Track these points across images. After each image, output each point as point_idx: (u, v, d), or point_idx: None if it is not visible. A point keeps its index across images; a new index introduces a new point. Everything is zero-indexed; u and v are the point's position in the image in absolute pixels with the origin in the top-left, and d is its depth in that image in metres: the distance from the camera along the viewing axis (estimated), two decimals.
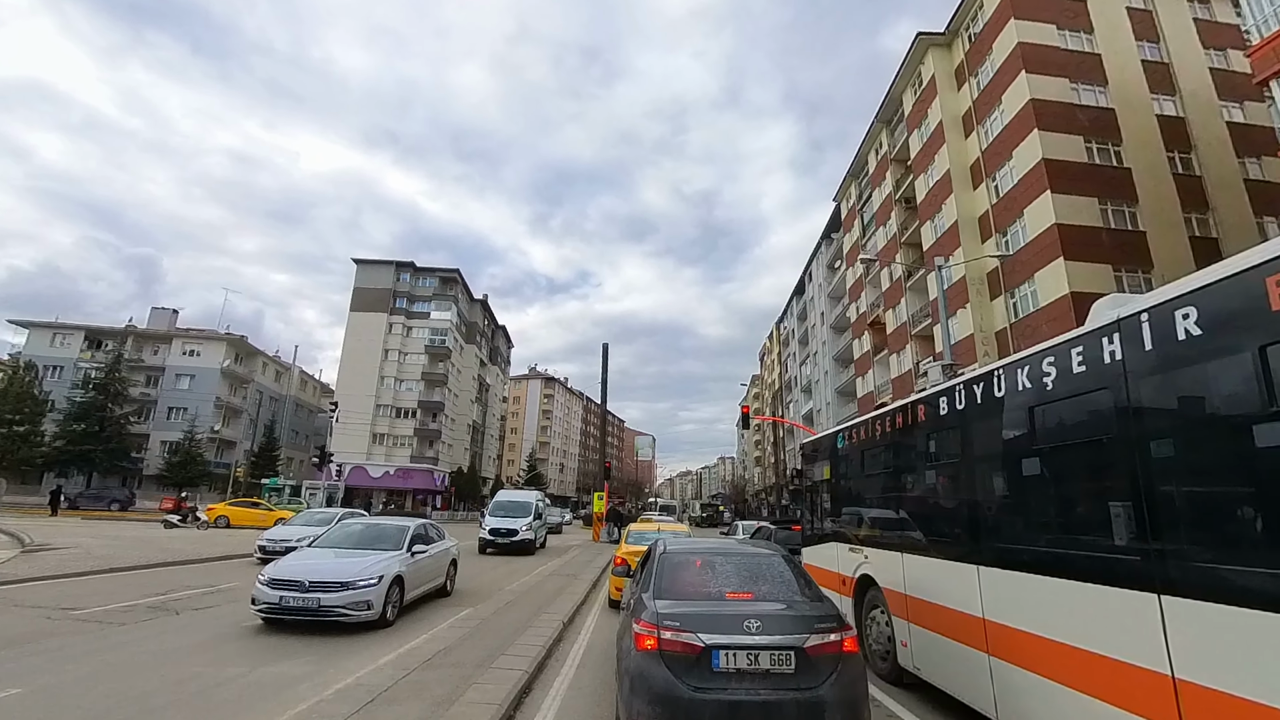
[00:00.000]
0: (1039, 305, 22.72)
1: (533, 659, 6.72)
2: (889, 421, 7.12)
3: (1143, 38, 25.32)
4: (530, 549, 21.41)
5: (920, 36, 30.45)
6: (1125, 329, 3.65)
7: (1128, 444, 3.58)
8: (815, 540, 9.87)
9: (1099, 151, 23.37)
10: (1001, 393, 4.89)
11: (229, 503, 30.14)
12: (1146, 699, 3.34)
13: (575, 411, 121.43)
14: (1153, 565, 3.35)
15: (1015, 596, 4.58)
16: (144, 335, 55.98)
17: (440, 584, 11.18)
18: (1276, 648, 2.70)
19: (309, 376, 72.18)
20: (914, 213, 33.02)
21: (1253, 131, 23.86)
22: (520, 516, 21.79)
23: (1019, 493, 4.80)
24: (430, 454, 61.16)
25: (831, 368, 49.04)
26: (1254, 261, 2.92)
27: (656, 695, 3.90)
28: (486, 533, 21.11)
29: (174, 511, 26.63)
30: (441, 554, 11.32)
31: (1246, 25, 15.49)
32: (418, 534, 10.38)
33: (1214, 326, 3.10)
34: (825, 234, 52.28)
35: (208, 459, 50.24)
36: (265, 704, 5.30)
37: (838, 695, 3.96)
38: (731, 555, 5.34)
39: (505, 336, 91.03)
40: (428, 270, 65.49)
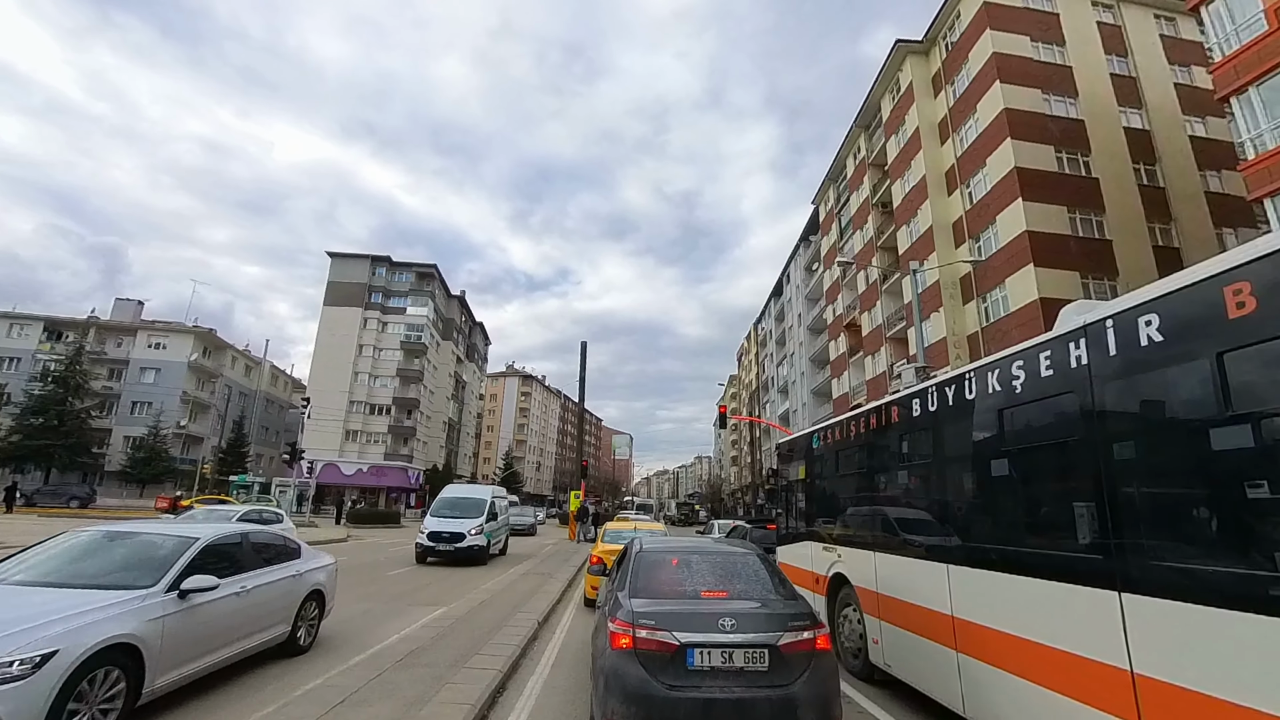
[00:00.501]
0: (1009, 310, 23.25)
1: (507, 658, 6.68)
2: (863, 422, 7.23)
3: (1112, 52, 26.06)
4: (481, 557, 17.24)
5: (899, 44, 30.91)
6: (1091, 334, 3.76)
7: (1092, 446, 3.69)
8: (790, 539, 9.97)
9: (1069, 161, 23.99)
10: (972, 395, 4.99)
11: (195, 500, 29.41)
12: (1107, 693, 3.44)
13: (553, 410, 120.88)
14: (1113, 564, 3.45)
15: (983, 594, 4.69)
16: (107, 327, 54.22)
17: (275, 636, 6.47)
18: (1230, 643, 2.81)
19: (280, 371, 70.70)
20: (890, 217, 33.52)
21: (1214, 146, 24.73)
22: (470, 516, 17.66)
23: (988, 493, 4.91)
24: (405, 451, 60.34)
25: (808, 369, 49.56)
26: (1212, 271, 3.03)
27: (631, 694, 3.91)
28: (425, 537, 16.91)
29: (169, 510, 26.23)
30: (277, 585, 6.49)
31: (1209, 43, 16.07)
32: (210, 556, 5.59)
33: (1174, 333, 3.21)
34: (804, 236, 52.78)
35: (173, 455, 48.87)
36: (230, 706, 5.18)
37: (810, 692, 4.01)
38: (707, 554, 5.36)
39: (483, 333, 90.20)
40: (404, 265, 64.53)
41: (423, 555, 16.87)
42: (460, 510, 18.03)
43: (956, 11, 27.71)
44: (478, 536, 17.09)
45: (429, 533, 16.95)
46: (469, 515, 17.72)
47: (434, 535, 16.87)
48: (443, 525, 17.11)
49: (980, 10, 25.59)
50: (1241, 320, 2.85)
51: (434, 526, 17.12)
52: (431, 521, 17.47)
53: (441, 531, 16.86)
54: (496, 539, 19.17)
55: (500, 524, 19.93)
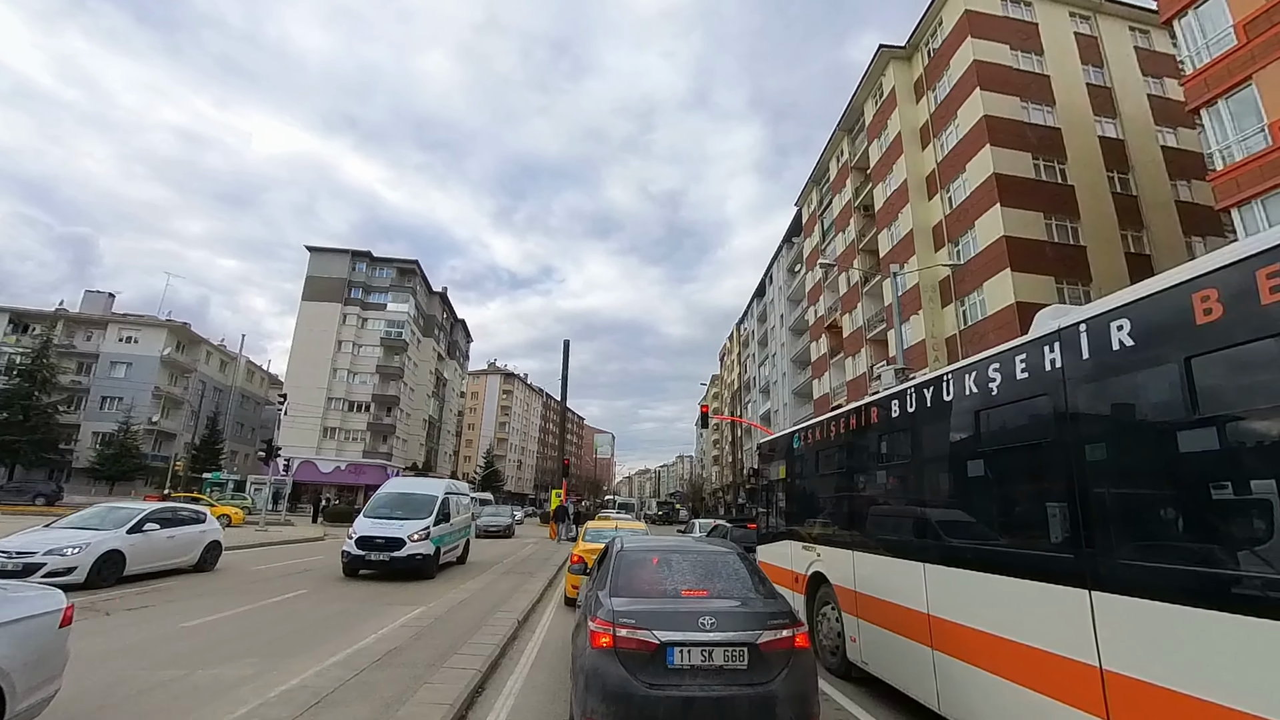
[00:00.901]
0: (987, 313, 23.65)
1: (486, 658, 6.64)
2: (843, 423, 7.30)
3: (1088, 62, 26.63)
4: (427, 569, 13.50)
5: (882, 49, 31.26)
6: (1065, 338, 3.84)
7: (1064, 448, 3.77)
8: (770, 538, 10.04)
9: (1045, 169, 24.47)
10: (950, 397, 5.07)
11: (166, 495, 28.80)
12: (1076, 689, 3.52)
13: (534, 408, 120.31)
14: (1084, 563, 3.53)
15: (959, 593, 4.76)
16: (76, 319, 52.81)
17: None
18: (1195, 640, 2.89)
19: (256, 367, 69.43)
20: (872, 220, 33.90)
21: (1184, 156, 25.39)
22: (414, 517, 14.01)
23: (964, 493, 4.99)
24: (384, 449, 59.63)
25: (789, 369, 49.93)
26: (1181, 279, 3.12)
27: (611, 692, 3.91)
28: (353, 544, 13.20)
29: None
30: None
31: (1181, 56, 16.48)
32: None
33: (1145, 338, 3.29)
34: (786, 238, 53.17)
35: (144, 451, 47.78)
36: (203, 708, 5.08)
37: (789, 690, 4.05)
38: (688, 553, 5.38)
39: (464, 330, 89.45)
40: (385, 260, 63.74)
41: (352, 567, 13.11)
42: (403, 509, 14.37)
43: (939, 18, 28.09)
44: (422, 543, 13.44)
45: (358, 538, 13.23)
46: (414, 515, 14.07)
47: (364, 542, 13.18)
48: (377, 529, 13.48)
49: (962, 18, 25.98)
50: (1208, 326, 2.93)
51: (366, 530, 13.42)
52: (364, 524, 13.72)
53: (375, 537, 13.24)
54: (451, 544, 15.40)
55: (456, 527, 15.97)
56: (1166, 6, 16.38)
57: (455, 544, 15.99)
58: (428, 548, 13.59)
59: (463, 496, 17.78)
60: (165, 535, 11.89)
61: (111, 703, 5.11)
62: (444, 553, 14.82)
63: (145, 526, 11.45)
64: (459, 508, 16.71)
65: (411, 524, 13.73)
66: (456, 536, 16.04)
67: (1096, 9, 27.52)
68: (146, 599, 9.80)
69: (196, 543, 12.78)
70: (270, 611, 9.28)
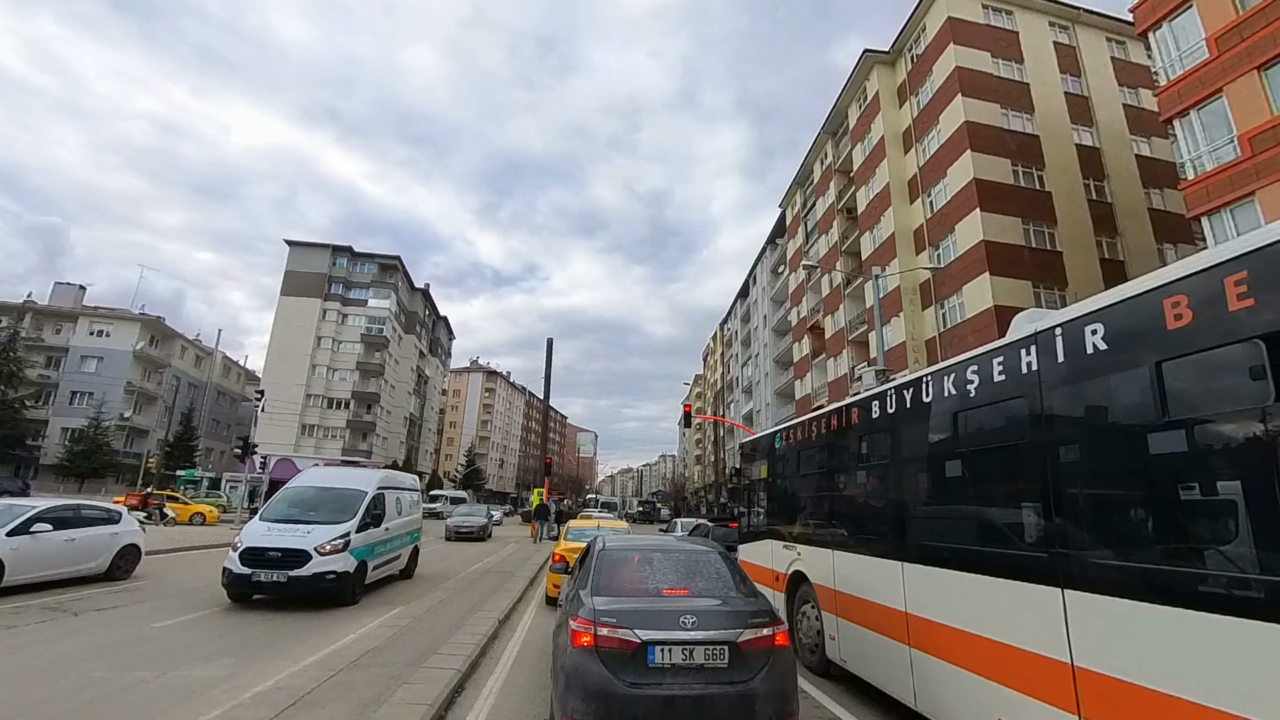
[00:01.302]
0: (966, 316, 24.01)
1: (466, 657, 6.60)
2: (824, 423, 7.37)
3: (1066, 71, 27.15)
4: (340, 591, 9.79)
5: (867, 54, 31.58)
6: (1041, 342, 3.91)
7: (1039, 449, 3.84)
8: (751, 537, 10.10)
9: (1024, 175, 24.91)
10: (929, 398, 5.14)
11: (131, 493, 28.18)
12: (1049, 685, 3.59)
13: (517, 406, 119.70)
14: (1057, 562, 3.60)
15: (936, 591, 4.83)
16: (45, 312, 51.43)
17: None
18: (1163, 637, 2.96)
19: (233, 363, 68.22)
20: (855, 223, 34.24)
21: (1157, 165, 26.00)
22: (328, 521, 10.32)
23: (942, 493, 5.06)
24: (364, 447, 58.92)
25: (772, 369, 50.24)
26: (1153, 284, 3.19)
27: (591, 691, 3.91)
28: (237, 557, 9.45)
29: (139, 508, 25.25)
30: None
31: (1156, 67, 16.89)
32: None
33: (1118, 342, 3.37)
34: (770, 239, 53.49)
35: (116, 448, 46.69)
36: (175, 710, 4.98)
37: (769, 688, 4.08)
38: (670, 552, 5.39)
39: (447, 328, 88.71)
40: (367, 256, 62.99)
41: (236, 590, 9.44)
42: (317, 510, 10.70)
43: (922, 25, 28.45)
44: (336, 556, 9.70)
45: (244, 550, 9.42)
46: (330, 519, 10.38)
47: (252, 556, 9.34)
48: (272, 538, 9.62)
49: (945, 25, 26.33)
50: (1179, 331, 3.00)
51: (257, 539, 9.58)
52: (255, 531, 9.88)
53: (267, 549, 9.39)
54: (387, 555, 11.82)
55: (395, 533, 12.21)
56: (1142, 18, 16.76)
57: (394, 554, 12.29)
58: (345, 562, 9.81)
59: (408, 492, 13.72)
60: (62, 538, 10.13)
61: (80, 705, 4.99)
62: (375, 567, 11.19)
63: (34, 527, 9.68)
64: (401, 507, 12.83)
65: (324, 530, 9.95)
66: (395, 545, 12.33)
67: (1075, 19, 28.07)
68: (115, 599, 9.58)
69: (106, 547, 11.02)
70: (245, 612, 9.13)
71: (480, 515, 28.95)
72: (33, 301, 51.91)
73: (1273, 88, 13.73)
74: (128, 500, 27.14)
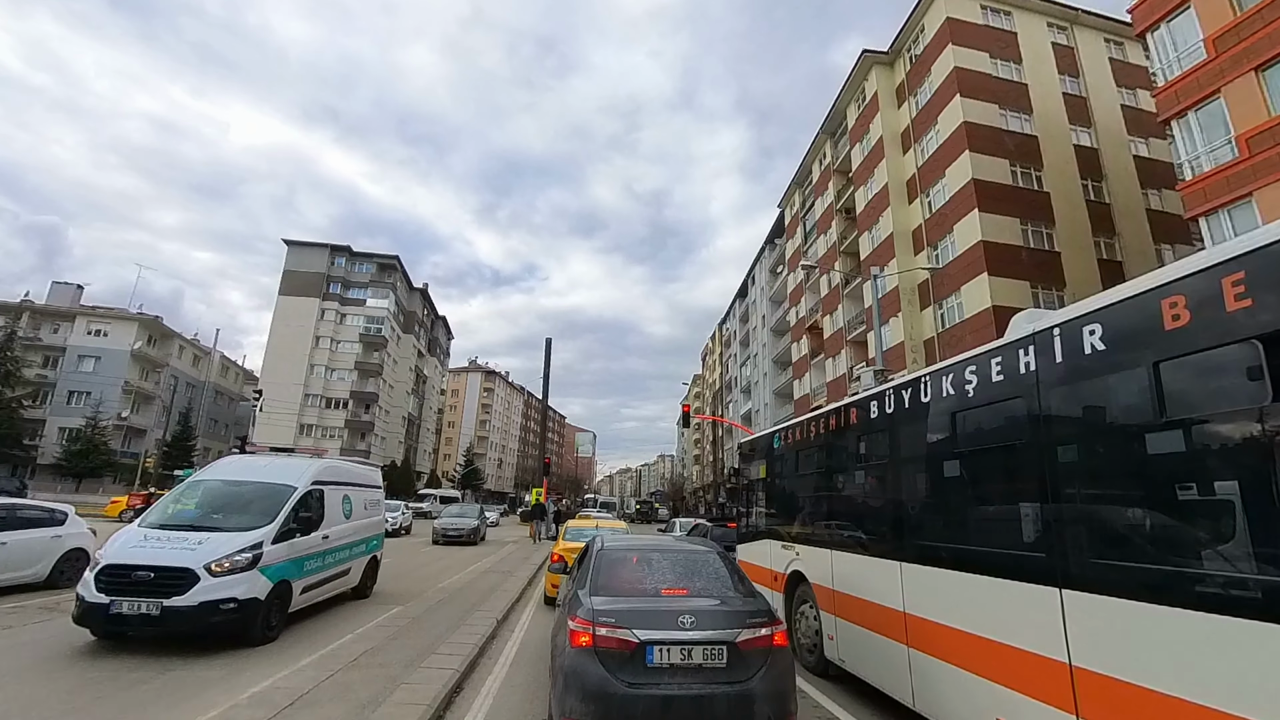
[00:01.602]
0: (964, 317, 24.03)
1: (465, 657, 6.59)
2: (823, 423, 7.37)
3: (1065, 72, 27.18)
4: (247, 627, 7.05)
5: (865, 54, 31.60)
6: (1039, 342, 3.91)
7: (1037, 449, 3.84)
8: (750, 537, 10.10)
9: (1022, 175, 24.94)
10: (927, 398, 5.14)
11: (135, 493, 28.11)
12: (1047, 685, 3.59)
13: (516, 406, 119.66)
14: (1055, 561, 3.61)
15: (934, 591, 4.83)
16: (42, 312, 51.27)
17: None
18: (1160, 637, 2.97)
19: (231, 362, 68.05)
20: (853, 223, 34.26)
21: (1155, 165, 26.05)
22: (236, 527, 7.54)
23: (940, 493, 5.06)
24: (362, 447, 58.90)
25: (770, 369, 50.26)
26: (1151, 285, 3.19)
27: (590, 691, 3.91)
28: (93, 580, 6.65)
29: (144, 508, 25.21)
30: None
31: (1154, 68, 16.92)
32: None
33: (1115, 342, 3.37)
34: (769, 239, 53.51)
35: (113, 448, 46.56)
36: (173, 710, 4.97)
37: (767, 688, 4.08)
38: (668, 552, 5.39)
39: (445, 327, 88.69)
40: (365, 255, 63.00)
41: (89, 622, 6.72)
42: (219, 512, 7.93)
43: (921, 25, 28.47)
44: (234, 578, 6.93)
45: (103, 568, 6.78)
46: (237, 525, 7.61)
47: (114, 577, 6.68)
48: (146, 551, 6.95)
49: (944, 25, 26.36)
50: (1176, 332, 3.01)
51: (125, 554, 6.92)
52: (126, 541, 7.19)
53: (136, 567, 6.72)
54: (324, 572, 8.95)
55: (337, 541, 9.32)
56: (1140, 19, 16.79)
57: (337, 569, 9.35)
58: (251, 585, 7.04)
59: (362, 489, 10.60)
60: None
61: (78, 705, 4.98)
62: (307, 589, 8.34)
63: None
64: (352, 508, 9.93)
65: (222, 540, 7.18)
66: (341, 557, 9.43)
67: (1073, 20, 28.11)
68: None
69: (46, 551, 9.82)
70: None
71: (471, 516, 25.60)
72: (30, 301, 51.77)
73: (1270, 89, 13.76)
74: (131, 500, 27.12)
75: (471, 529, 24.46)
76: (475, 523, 24.95)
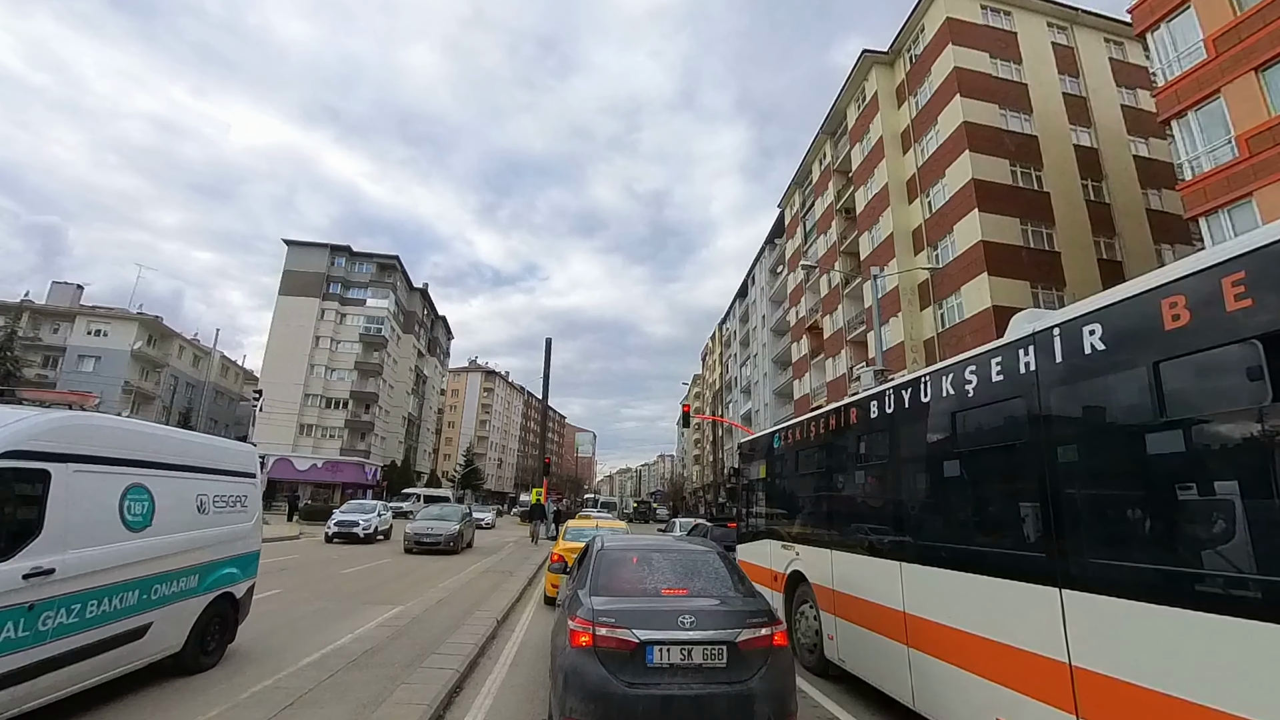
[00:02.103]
0: (964, 317, 24.03)
1: (465, 657, 6.59)
2: (823, 423, 7.37)
3: (1065, 72, 27.18)
4: None
5: (865, 54, 31.59)
6: (1039, 342, 3.91)
7: (1037, 449, 3.84)
8: (750, 537, 10.10)
9: (1022, 175, 24.94)
10: (927, 398, 5.14)
11: None
12: (1047, 685, 3.59)
13: (515, 406, 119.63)
14: (1055, 562, 3.61)
15: (934, 591, 4.83)
16: (42, 312, 51.25)
17: None
18: (1160, 637, 2.97)
19: (231, 362, 68.03)
20: (853, 223, 34.25)
21: (1155, 165, 26.05)
22: None
23: (940, 493, 5.06)
24: (362, 446, 58.87)
25: (770, 369, 50.26)
26: (1151, 285, 3.19)
27: (590, 691, 3.91)
28: None
29: None
30: None
31: (1154, 68, 16.92)
32: None
33: (1116, 342, 3.37)
34: (769, 239, 53.51)
35: None
36: (173, 710, 4.97)
37: (767, 688, 4.08)
38: (668, 552, 5.39)
39: (445, 327, 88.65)
40: (365, 255, 62.92)
41: None
42: None
43: (921, 25, 28.47)
44: None
45: None
46: None
47: None
48: None
49: (943, 25, 26.35)
50: (1176, 332, 3.00)
51: None
52: None
53: None
54: (54, 644, 4.31)
55: (127, 575, 5.02)
56: (1140, 19, 16.79)
57: (116, 627, 4.94)
58: None
59: (210, 478, 6.46)
60: None
61: (77, 705, 4.97)
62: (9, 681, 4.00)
63: None
64: (181, 508, 5.90)
65: None
66: (133, 605, 5.11)
67: (1073, 20, 28.11)
68: None
69: None
70: None
71: (452, 519, 20.77)
72: (30, 301, 51.74)
73: (1270, 89, 13.76)
74: None
75: (451, 535, 19.97)
76: (456, 527, 20.35)
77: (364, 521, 22.64)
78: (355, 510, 24.32)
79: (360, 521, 22.60)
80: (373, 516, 23.30)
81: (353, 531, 22.18)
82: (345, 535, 22.04)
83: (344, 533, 22.09)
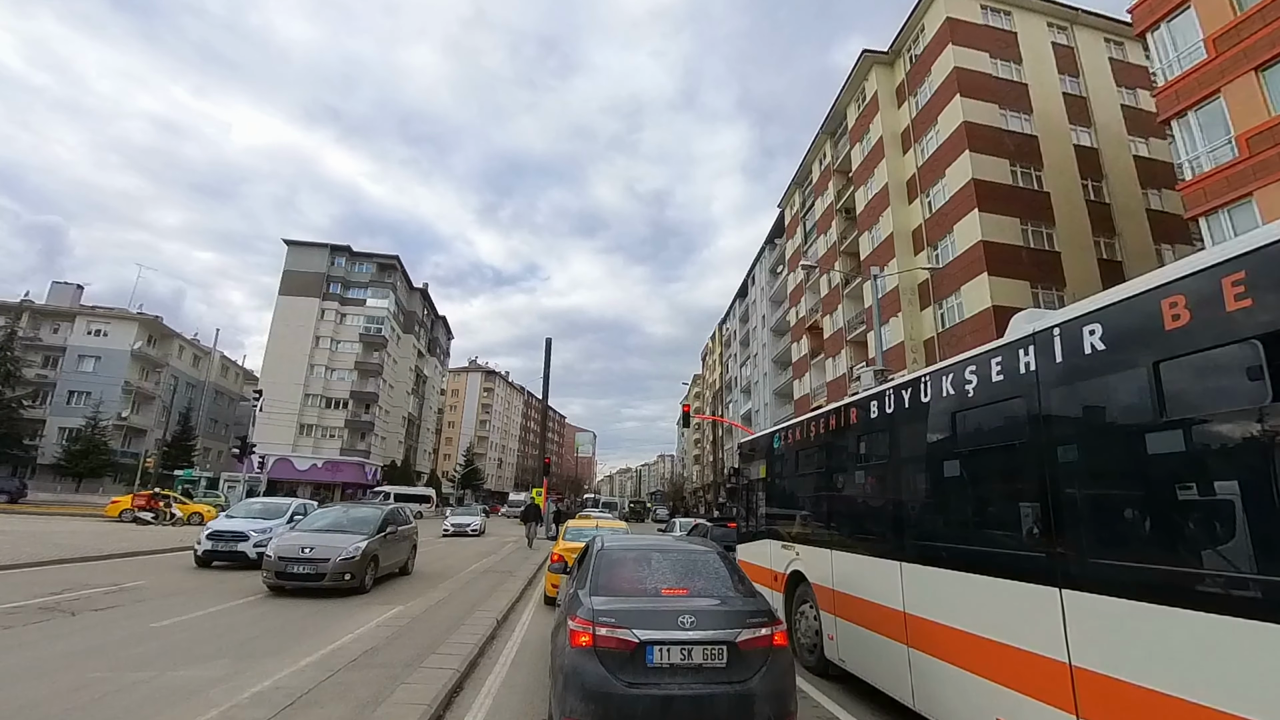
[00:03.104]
0: (964, 317, 24.03)
1: (464, 657, 6.59)
2: (823, 423, 7.36)
3: (1065, 72, 27.18)
4: None
5: (865, 54, 31.59)
6: (1039, 342, 3.91)
7: (1037, 449, 3.84)
8: (750, 537, 10.10)
9: (1022, 175, 24.94)
10: (927, 398, 5.14)
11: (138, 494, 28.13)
12: (1047, 685, 3.59)
13: (516, 406, 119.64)
14: (1055, 562, 3.61)
15: (934, 591, 4.83)
16: (43, 311, 51.27)
17: None
18: (1160, 637, 2.97)
19: (231, 362, 68.07)
20: (853, 223, 34.25)
21: (1155, 165, 26.05)
22: None
23: (940, 493, 5.06)
24: (362, 446, 58.91)
25: (770, 369, 50.25)
26: (1151, 285, 3.19)
27: (590, 691, 3.90)
28: None
29: (146, 508, 25.68)
30: None
31: (1154, 68, 16.92)
32: None
33: (1116, 342, 3.37)
34: (769, 239, 53.50)
35: (113, 448, 46.56)
36: (173, 710, 4.97)
37: (767, 688, 4.07)
38: (668, 552, 5.38)
39: (445, 327, 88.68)
40: (365, 255, 62.98)
41: None
42: None
43: (921, 25, 28.47)
44: None
45: None
46: None
47: None
48: None
49: (943, 25, 26.35)
50: (1177, 331, 3.00)
51: None
52: None
53: None
54: None
55: None
56: (1141, 19, 16.78)
57: None
58: None
59: None
60: None
61: (77, 706, 4.98)
62: None
63: None
64: None
65: None
66: None
67: (1073, 20, 28.11)
68: (114, 598, 9.56)
69: None
70: (244, 612, 9.10)
71: (357, 530, 11.52)
72: (30, 300, 51.74)
73: (1270, 88, 13.76)
74: (135, 500, 27.14)
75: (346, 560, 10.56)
76: (359, 544, 10.92)
77: None
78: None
79: None
80: None
81: None
82: None
83: None
